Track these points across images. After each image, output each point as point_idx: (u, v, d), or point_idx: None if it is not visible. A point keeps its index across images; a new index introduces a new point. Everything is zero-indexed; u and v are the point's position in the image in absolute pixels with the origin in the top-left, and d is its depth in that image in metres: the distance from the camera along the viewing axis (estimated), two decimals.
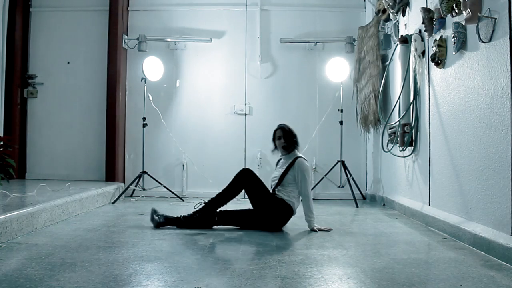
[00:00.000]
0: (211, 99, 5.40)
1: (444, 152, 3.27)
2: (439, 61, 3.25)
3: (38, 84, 5.39)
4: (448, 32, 3.15)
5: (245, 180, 3.33)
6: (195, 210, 3.34)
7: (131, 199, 4.96)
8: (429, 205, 3.56)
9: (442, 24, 3.25)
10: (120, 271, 2.18)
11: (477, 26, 2.63)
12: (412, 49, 3.76)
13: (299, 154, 3.46)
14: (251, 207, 3.39)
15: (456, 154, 3.08)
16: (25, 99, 5.38)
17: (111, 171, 5.18)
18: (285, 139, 3.47)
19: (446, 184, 3.24)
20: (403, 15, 4.18)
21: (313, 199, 3.30)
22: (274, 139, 3.56)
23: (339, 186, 5.12)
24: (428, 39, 3.56)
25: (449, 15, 3.08)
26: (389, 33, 4.69)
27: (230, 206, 3.39)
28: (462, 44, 2.91)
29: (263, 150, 5.32)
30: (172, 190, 5.04)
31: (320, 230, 3.28)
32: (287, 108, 5.36)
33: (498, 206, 2.52)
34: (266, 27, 5.43)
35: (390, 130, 4.21)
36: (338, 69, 5.05)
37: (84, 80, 5.39)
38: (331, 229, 3.31)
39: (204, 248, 2.72)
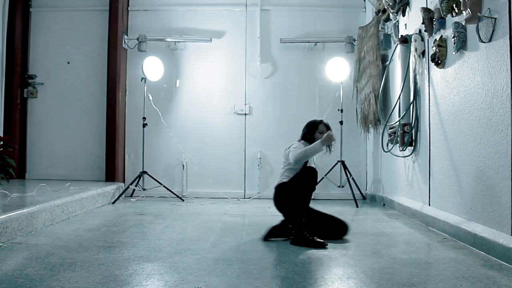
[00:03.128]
0: (211, 99, 5.40)
1: (444, 152, 3.27)
2: (439, 61, 3.25)
3: (38, 84, 5.39)
4: (448, 32, 3.15)
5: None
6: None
7: (131, 199, 4.96)
8: (429, 205, 3.56)
9: (442, 24, 3.25)
10: (120, 271, 2.18)
11: (477, 26, 2.63)
12: (412, 49, 3.76)
13: None
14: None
15: (456, 154, 3.08)
16: (25, 99, 5.38)
17: (111, 171, 5.18)
18: None
19: (446, 184, 3.24)
20: (403, 15, 4.18)
21: (313, 199, 3.20)
22: (313, 131, 3.28)
23: (339, 186, 5.12)
24: (428, 39, 3.56)
25: (449, 15, 3.08)
26: (389, 33, 4.69)
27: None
28: (462, 44, 2.91)
29: (263, 150, 5.32)
30: (172, 190, 5.04)
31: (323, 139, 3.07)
32: (287, 108, 5.36)
33: (498, 206, 2.52)
34: (266, 27, 5.43)
35: (390, 130, 4.21)
36: (338, 69, 5.04)
37: (84, 80, 5.39)
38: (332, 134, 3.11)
39: (204, 248, 2.72)
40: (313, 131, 3.30)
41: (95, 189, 4.35)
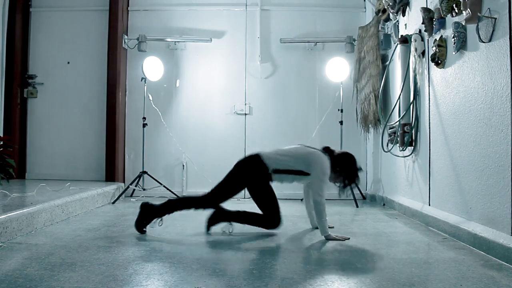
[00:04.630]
0: (211, 99, 5.40)
1: (444, 152, 3.27)
2: (439, 61, 3.25)
3: (38, 84, 5.39)
4: (448, 32, 3.15)
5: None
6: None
7: (131, 199, 4.96)
8: (429, 205, 3.56)
9: (442, 24, 3.25)
10: (120, 271, 2.17)
11: (477, 26, 2.63)
12: (412, 49, 3.76)
13: None
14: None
15: (456, 154, 3.08)
16: (25, 99, 5.38)
17: (111, 171, 5.18)
18: None
19: (446, 184, 3.24)
20: (403, 15, 4.18)
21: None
22: (354, 175, 3.25)
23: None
24: (428, 39, 3.56)
25: (449, 15, 3.08)
26: (389, 33, 4.69)
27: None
28: (462, 44, 2.91)
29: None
30: (172, 190, 5.04)
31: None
32: (287, 108, 5.36)
33: (498, 206, 2.52)
34: (266, 27, 5.43)
35: (390, 130, 4.21)
36: (338, 69, 5.05)
37: (84, 80, 5.40)
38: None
39: (204, 248, 2.72)
40: (354, 175, 3.20)
41: (95, 189, 4.35)
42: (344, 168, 3.16)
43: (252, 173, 3.18)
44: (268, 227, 3.19)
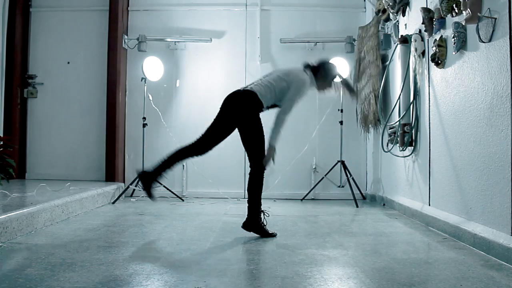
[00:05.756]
0: (211, 99, 5.38)
1: (444, 152, 3.27)
2: (439, 61, 3.25)
3: (38, 84, 5.39)
4: (448, 32, 3.15)
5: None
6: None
7: (131, 199, 4.95)
8: (429, 205, 3.56)
9: (442, 24, 3.25)
10: (120, 271, 2.18)
11: (477, 26, 2.63)
12: (412, 49, 3.76)
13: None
14: None
15: (456, 154, 3.08)
16: (25, 99, 5.38)
17: (111, 171, 5.17)
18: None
19: (446, 184, 3.24)
20: (403, 15, 4.18)
21: (313, 199, 3.22)
22: (330, 79, 3.44)
23: (339, 186, 5.12)
24: (428, 39, 3.56)
25: (449, 15, 3.08)
26: (389, 33, 4.69)
27: None
28: (462, 44, 2.91)
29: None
30: (172, 190, 5.03)
31: None
32: None
33: (498, 206, 2.52)
34: (266, 27, 5.43)
35: (390, 130, 4.21)
36: (338, 69, 5.03)
37: (84, 80, 5.39)
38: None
39: (204, 248, 2.72)
40: (330, 79, 3.40)
41: (95, 189, 4.35)
42: (323, 71, 3.37)
43: (250, 109, 3.24)
44: (261, 171, 3.24)
